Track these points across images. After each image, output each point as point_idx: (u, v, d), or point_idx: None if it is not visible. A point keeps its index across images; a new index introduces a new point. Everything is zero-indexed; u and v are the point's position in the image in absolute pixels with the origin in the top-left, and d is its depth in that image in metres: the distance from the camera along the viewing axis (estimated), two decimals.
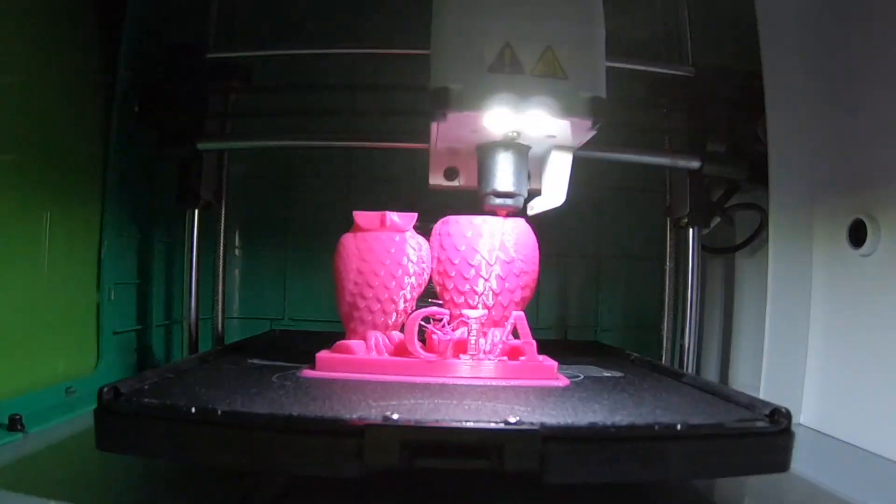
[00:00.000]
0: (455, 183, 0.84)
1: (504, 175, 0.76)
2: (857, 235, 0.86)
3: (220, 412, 0.54)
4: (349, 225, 0.82)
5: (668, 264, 1.12)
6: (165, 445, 0.55)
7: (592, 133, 0.72)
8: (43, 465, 0.67)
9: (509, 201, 0.77)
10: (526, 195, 0.79)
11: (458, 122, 0.70)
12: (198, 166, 1.02)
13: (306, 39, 1.05)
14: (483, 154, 0.77)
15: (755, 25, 0.97)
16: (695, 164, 1.00)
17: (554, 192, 0.78)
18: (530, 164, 0.80)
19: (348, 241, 0.82)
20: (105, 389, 0.56)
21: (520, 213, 0.80)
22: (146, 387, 0.63)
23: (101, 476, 0.66)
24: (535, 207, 0.80)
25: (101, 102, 1.01)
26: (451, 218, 0.82)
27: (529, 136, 0.75)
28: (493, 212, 0.79)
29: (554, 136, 0.75)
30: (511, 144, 0.76)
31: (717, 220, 1.07)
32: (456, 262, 0.80)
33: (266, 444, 0.53)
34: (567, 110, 0.67)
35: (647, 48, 1.15)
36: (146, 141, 1.06)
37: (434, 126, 0.73)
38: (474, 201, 0.80)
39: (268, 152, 1.27)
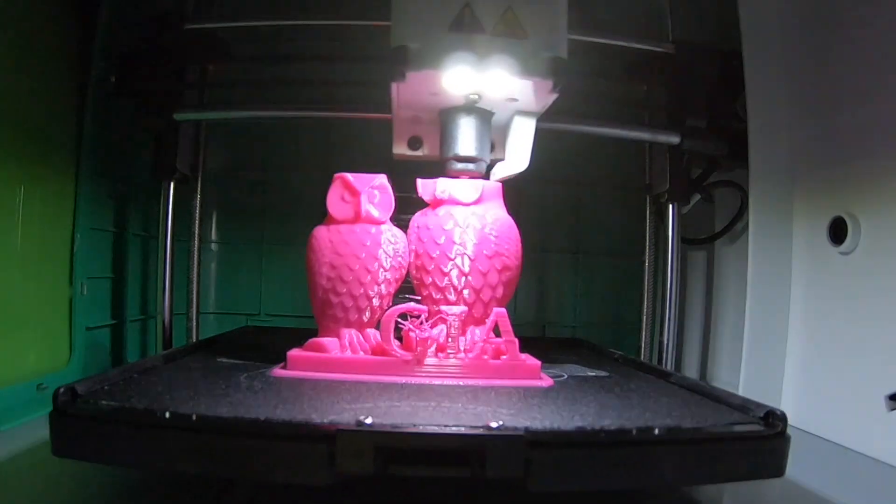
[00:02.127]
0: (419, 152, 0.83)
1: (466, 139, 0.76)
2: (837, 233, 0.85)
3: (182, 415, 0.51)
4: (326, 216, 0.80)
5: (648, 252, 1.12)
6: (124, 451, 0.52)
7: (554, 96, 0.72)
8: (14, 462, 0.64)
9: (471, 166, 0.76)
10: (489, 161, 0.78)
11: (417, 82, 0.70)
12: (174, 138, 1.01)
13: (285, 11, 1.04)
14: (445, 118, 0.77)
15: (735, 4, 0.97)
16: (674, 140, 1.00)
17: (517, 157, 0.78)
18: (494, 133, 0.80)
19: (321, 233, 0.79)
20: (61, 391, 0.53)
21: (484, 178, 0.79)
22: (106, 387, 0.60)
23: (72, 475, 0.64)
24: (498, 173, 0.79)
25: (78, 73, 0.99)
26: (430, 210, 0.80)
27: (491, 99, 0.75)
28: (455, 177, 0.78)
29: (516, 100, 0.75)
30: (473, 109, 0.76)
31: (697, 197, 1.07)
32: (434, 255, 0.77)
33: (231, 450, 0.50)
34: (527, 70, 0.67)
35: (629, 25, 1.14)
36: (122, 123, 1.04)
37: (394, 88, 0.73)
38: None
39: (245, 141, 1.26)
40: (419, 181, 0.81)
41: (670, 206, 1.04)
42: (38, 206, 0.90)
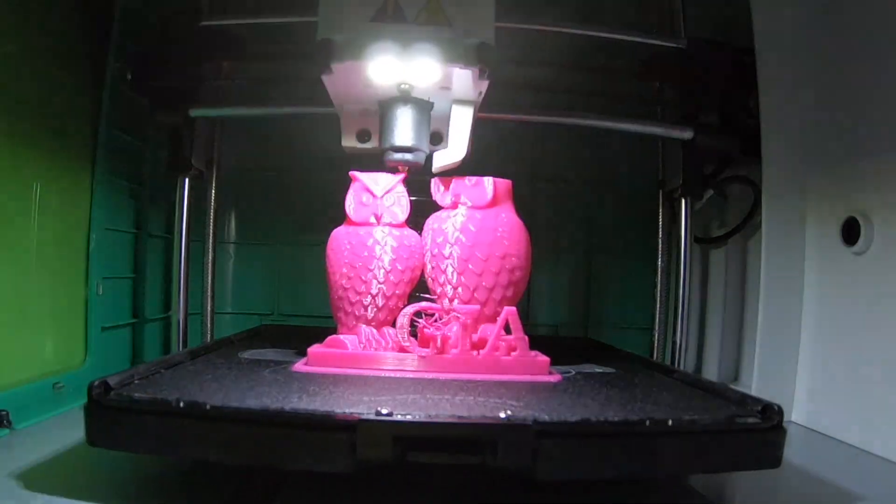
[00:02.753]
0: (368, 145, 0.82)
1: (403, 129, 0.75)
2: (850, 233, 0.85)
3: (211, 407, 0.53)
4: (342, 218, 0.82)
5: (661, 250, 1.12)
6: (156, 440, 0.55)
7: (485, 83, 0.72)
8: (29, 460, 0.66)
9: (409, 156, 0.76)
10: (427, 151, 0.78)
11: (345, 74, 0.70)
12: (190, 134, 1.01)
13: (301, 7, 1.04)
14: (383, 109, 0.76)
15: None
16: (687, 135, 0.99)
17: (455, 146, 0.78)
18: (441, 124, 0.80)
19: (339, 234, 0.82)
20: (95, 384, 0.55)
21: (423, 170, 0.79)
22: (136, 381, 0.62)
23: (87, 472, 0.66)
24: (439, 163, 0.80)
25: (93, 70, 0.99)
26: (444, 212, 0.82)
27: (423, 89, 0.74)
28: (394, 168, 0.79)
29: (448, 89, 0.75)
30: (410, 99, 0.75)
31: (710, 192, 1.07)
32: (448, 256, 0.80)
33: (258, 439, 0.53)
34: (452, 57, 0.67)
35: (641, 21, 1.14)
36: (137, 121, 1.05)
37: (325, 81, 0.72)
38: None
39: (260, 139, 1.26)
40: (433, 183, 0.84)
41: (683, 201, 1.04)
42: (55, 203, 0.89)
